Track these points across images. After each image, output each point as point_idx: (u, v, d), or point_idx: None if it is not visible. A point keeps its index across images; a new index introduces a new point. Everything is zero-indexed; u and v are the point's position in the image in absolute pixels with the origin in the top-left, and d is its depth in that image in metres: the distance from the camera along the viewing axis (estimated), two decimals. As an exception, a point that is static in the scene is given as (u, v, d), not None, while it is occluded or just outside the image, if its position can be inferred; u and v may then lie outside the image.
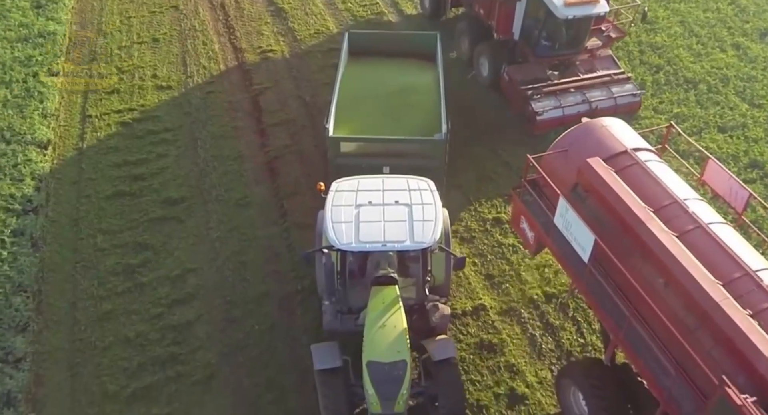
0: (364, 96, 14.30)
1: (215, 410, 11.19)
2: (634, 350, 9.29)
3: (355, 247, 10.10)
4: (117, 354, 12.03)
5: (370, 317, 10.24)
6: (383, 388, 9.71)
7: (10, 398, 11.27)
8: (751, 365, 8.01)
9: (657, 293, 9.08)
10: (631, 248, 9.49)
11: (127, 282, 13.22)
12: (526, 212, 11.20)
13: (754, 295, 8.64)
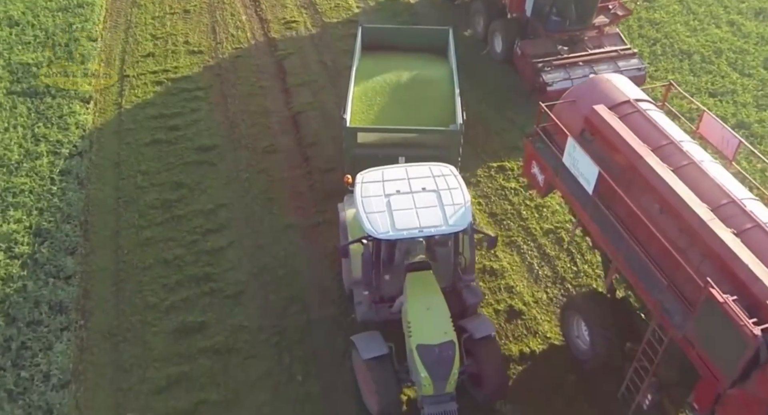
0: (378, 88, 14.45)
1: (245, 319, 12.56)
2: (632, 270, 10.18)
3: (393, 235, 10.17)
4: (157, 273, 13.42)
5: (412, 302, 10.48)
6: (435, 370, 9.92)
7: (62, 307, 12.66)
8: (734, 274, 8.90)
9: (653, 218, 9.97)
10: (631, 181, 10.47)
11: (165, 214, 14.62)
12: (538, 156, 12.24)
13: (738, 218, 9.60)
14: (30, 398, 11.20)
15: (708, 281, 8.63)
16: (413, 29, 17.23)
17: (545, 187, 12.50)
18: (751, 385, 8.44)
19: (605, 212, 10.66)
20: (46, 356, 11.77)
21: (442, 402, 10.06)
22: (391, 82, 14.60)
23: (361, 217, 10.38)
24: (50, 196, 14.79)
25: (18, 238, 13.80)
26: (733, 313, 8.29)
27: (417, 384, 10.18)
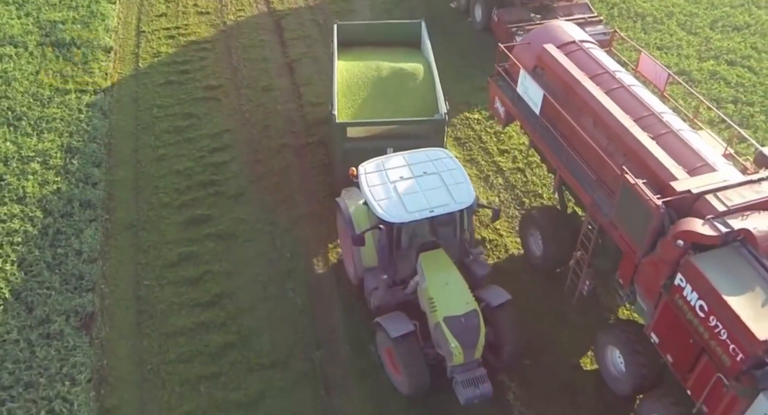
0: (361, 83, 14.76)
1: (244, 213, 14.98)
2: (572, 174, 12.15)
3: (407, 217, 10.62)
4: (170, 180, 15.84)
5: (431, 280, 10.94)
6: (464, 338, 10.42)
7: (90, 204, 15.03)
8: (647, 165, 10.75)
9: (588, 131, 11.83)
10: (571, 103, 12.52)
11: (177, 137, 17.06)
12: (500, 92, 14.37)
13: (655, 126, 11.52)
14: (65, 268, 13.55)
15: (624, 169, 10.68)
16: (386, 24, 17.54)
17: (505, 118, 14.71)
18: (658, 251, 10.17)
19: (550, 128, 12.83)
20: (77, 238, 14.14)
21: (471, 369, 10.69)
22: (372, 76, 14.91)
23: (372, 205, 10.82)
24: (78, 123, 17.19)
25: (52, 153, 16.20)
26: (642, 191, 10.14)
27: (447, 356, 10.63)
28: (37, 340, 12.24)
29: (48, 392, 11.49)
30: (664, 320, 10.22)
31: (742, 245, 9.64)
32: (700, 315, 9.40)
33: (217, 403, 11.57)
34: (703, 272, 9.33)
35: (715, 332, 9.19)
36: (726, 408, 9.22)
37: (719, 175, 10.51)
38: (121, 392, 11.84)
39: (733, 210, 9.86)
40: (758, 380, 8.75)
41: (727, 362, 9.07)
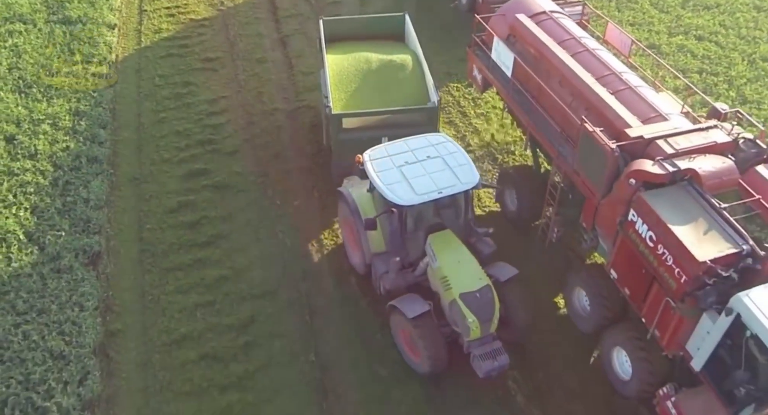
0: (352, 76, 15.04)
1: (238, 167, 16.26)
2: (540, 130, 13.21)
3: (417, 199, 11.04)
4: (170, 140, 17.11)
5: (442, 259, 11.32)
6: (481, 312, 10.79)
7: (97, 160, 16.21)
8: (605, 116, 11.75)
9: (554, 90, 12.84)
10: (540, 66, 13.42)
11: (177, 102, 18.33)
12: (477, 60, 15.54)
13: (615, 83, 12.50)
14: (74, 214, 14.76)
15: (583, 118, 11.56)
16: (371, 18, 17.77)
17: (482, 84, 15.88)
18: (614, 192, 11.14)
19: (521, 89, 13.98)
20: (85, 189, 15.35)
21: (487, 342, 11.08)
22: (362, 69, 15.19)
23: (382, 190, 11.21)
24: (85, 90, 18.44)
25: (61, 116, 17.43)
26: (599, 137, 11.13)
27: (464, 331, 10.99)
28: (49, 274, 13.45)
29: (59, 316, 12.68)
30: (621, 256, 11.18)
31: (689, 183, 10.60)
32: (650, 245, 10.33)
33: (211, 326, 12.81)
34: (652, 206, 10.28)
35: (662, 259, 10.11)
36: (674, 330, 10.19)
37: (670, 124, 11.53)
38: (124, 318, 13.07)
39: (681, 153, 10.76)
40: (700, 301, 9.64)
41: (673, 286, 9.97)
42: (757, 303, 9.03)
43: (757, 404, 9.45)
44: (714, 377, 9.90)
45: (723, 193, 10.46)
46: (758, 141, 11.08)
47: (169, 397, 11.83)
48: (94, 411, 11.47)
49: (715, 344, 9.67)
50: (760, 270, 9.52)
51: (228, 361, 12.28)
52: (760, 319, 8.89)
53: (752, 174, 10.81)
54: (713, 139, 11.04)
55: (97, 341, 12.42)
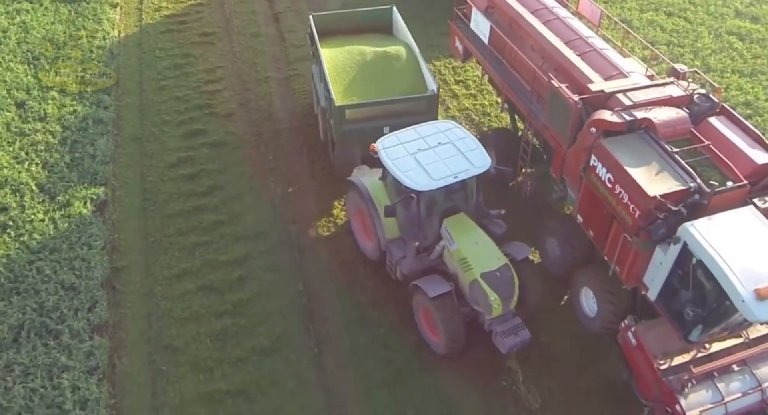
0: (348, 69, 15.26)
1: (233, 128, 17.53)
2: (513, 91, 14.31)
3: (434, 184, 11.33)
4: (171, 104, 18.36)
5: (461, 241, 11.68)
6: (502, 290, 11.19)
7: (102, 122, 17.39)
8: (570, 75, 12.66)
9: (527, 54, 13.87)
10: (514, 33, 14.41)
11: (176, 72, 19.58)
12: (458, 31, 16.50)
13: (582, 47, 13.44)
14: (82, 168, 15.98)
15: (551, 76, 12.56)
16: (359, 12, 17.76)
17: (464, 54, 16.93)
18: (578, 141, 12.02)
19: (496, 55, 15.14)
20: (92, 146, 16.58)
21: (508, 319, 11.54)
22: (358, 62, 15.43)
23: (399, 176, 11.50)
24: (90, 61, 19.68)
25: (68, 83, 18.69)
26: (564, 92, 12.06)
27: (485, 309, 11.36)
28: (60, 218, 14.70)
29: (69, 254, 13.92)
30: (585, 200, 12.13)
31: (645, 131, 11.49)
32: (609, 186, 11.21)
33: (209, 263, 14.07)
34: (610, 151, 11.20)
35: (619, 198, 10.99)
36: (631, 263, 11.11)
37: (629, 80, 12.58)
38: (129, 256, 14.32)
39: (638, 105, 11.61)
40: (653, 233, 10.55)
41: (629, 221, 10.84)
42: (701, 232, 9.95)
43: (704, 325, 10.40)
44: (667, 304, 10.85)
45: (676, 141, 11.33)
46: (711, 96, 11.99)
47: (170, 322, 13.05)
48: (102, 334, 12.68)
49: (667, 273, 10.61)
50: (706, 205, 10.39)
51: (224, 292, 13.52)
52: (703, 245, 9.79)
53: (705, 124, 11.77)
54: (669, 94, 11.88)
55: (104, 275, 13.66)
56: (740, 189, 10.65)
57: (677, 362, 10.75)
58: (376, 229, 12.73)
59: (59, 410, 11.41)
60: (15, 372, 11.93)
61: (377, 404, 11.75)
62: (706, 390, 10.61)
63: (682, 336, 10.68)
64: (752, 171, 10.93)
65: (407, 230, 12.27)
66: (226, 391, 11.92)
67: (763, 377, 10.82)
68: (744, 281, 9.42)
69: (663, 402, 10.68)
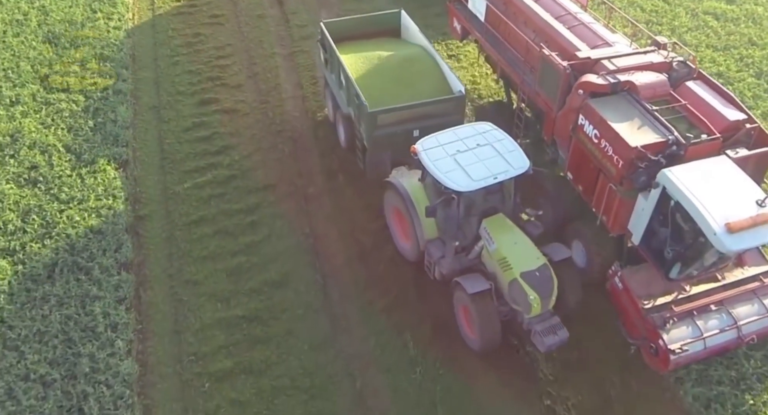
0: (372, 75, 15.36)
1: (243, 97, 18.97)
2: (508, 63, 15.28)
3: (475, 185, 11.45)
4: (184, 77, 19.80)
5: (500, 241, 11.82)
6: (541, 289, 11.29)
7: (121, 93, 18.69)
8: (560, 45, 13.73)
9: (520, 28, 14.92)
10: (509, 11, 15.54)
11: (188, 49, 21.02)
12: (456, 12, 17.56)
13: (571, 21, 14.54)
14: (104, 131, 17.33)
15: (542, 46, 13.68)
16: (368, 17, 17.85)
17: (461, 33, 18.11)
18: (567, 104, 12.93)
19: (492, 31, 16.25)
20: (113, 113, 17.95)
21: (547, 318, 11.67)
22: (380, 66, 15.59)
23: (440, 178, 11.66)
24: (107, 39, 21.05)
25: (87, 59, 20.07)
26: (553, 59, 13.09)
27: (524, 308, 11.51)
28: (86, 174, 16.06)
29: (96, 204, 15.28)
30: (574, 157, 13.07)
31: (628, 93, 12.44)
32: (595, 141, 12.15)
33: (223, 211, 15.49)
34: (596, 109, 12.16)
35: (604, 152, 11.93)
36: (617, 211, 12.03)
37: (614, 49, 13.47)
38: (150, 206, 15.73)
39: (622, 70, 12.58)
40: (634, 181, 11.43)
41: (613, 172, 11.76)
42: (678, 176, 10.95)
43: (682, 263, 11.45)
44: (649, 247, 11.87)
45: (656, 101, 12.27)
46: (689, 63, 13.09)
47: (189, 261, 14.45)
48: (128, 270, 14.04)
49: (648, 218, 11.55)
50: (683, 156, 11.38)
51: (237, 235, 14.93)
52: (680, 188, 10.77)
53: (683, 87, 12.75)
54: (650, 60, 12.91)
55: (128, 222, 15.04)
56: (714, 141, 11.60)
57: (660, 303, 11.64)
58: (415, 229, 12.91)
59: (92, 333, 12.73)
60: (51, 302, 13.27)
61: (377, 327, 13.12)
62: (687, 327, 11.46)
63: (663, 274, 11.63)
64: (725, 127, 11.87)
65: (447, 230, 12.39)
66: (242, 316, 13.29)
67: (739, 317, 11.68)
68: (716, 217, 10.37)
69: (647, 339, 11.55)
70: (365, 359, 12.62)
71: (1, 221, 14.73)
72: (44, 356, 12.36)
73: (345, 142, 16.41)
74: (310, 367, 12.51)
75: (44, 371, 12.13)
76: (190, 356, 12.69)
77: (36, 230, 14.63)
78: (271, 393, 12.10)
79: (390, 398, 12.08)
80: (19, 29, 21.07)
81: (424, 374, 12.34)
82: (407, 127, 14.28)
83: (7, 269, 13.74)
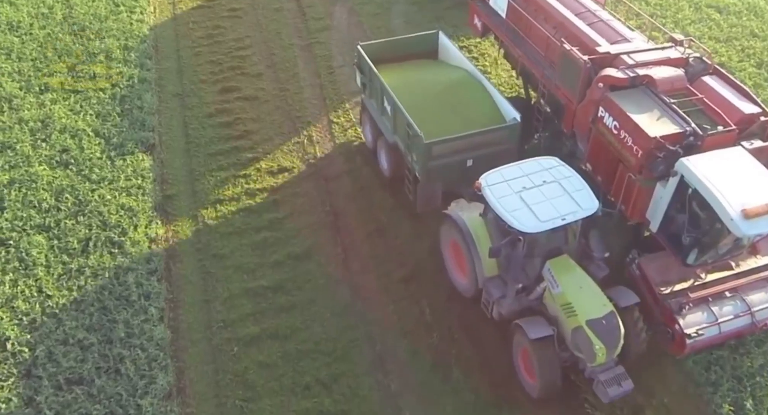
0: (420, 102, 14.67)
1: (262, 85, 19.74)
2: (529, 58, 15.47)
3: (542, 227, 10.91)
4: (205, 67, 20.58)
5: (565, 285, 11.21)
6: (608, 338, 10.73)
7: (146, 81, 19.56)
8: (580, 40, 13.92)
9: (541, 24, 15.08)
10: (530, 8, 15.68)
11: (209, 40, 21.82)
12: (477, 9, 17.71)
13: (590, 18, 14.82)
14: (131, 117, 18.13)
15: (563, 41, 13.85)
16: (405, 38, 17.46)
17: (482, 30, 18.09)
18: (587, 97, 13.18)
19: (514, 27, 16.59)
20: (139, 100, 18.75)
21: (611, 368, 11.19)
22: (424, 92, 15.07)
23: (506, 216, 11.11)
24: (131, 31, 21.88)
25: (113, 49, 20.86)
26: (574, 53, 13.37)
27: (588, 357, 10.95)
28: (116, 156, 16.85)
29: (126, 184, 16.07)
30: (594, 148, 13.33)
31: (647, 86, 12.75)
32: (614, 132, 12.41)
33: (247, 191, 16.27)
34: (616, 101, 12.47)
35: (624, 142, 12.19)
36: (636, 200, 12.26)
37: (632, 45, 13.85)
38: (177, 186, 16.50)
39: (640, 64, 12.95)
40: (653, 170, 11.70)
41: (632, 161, 12.00)
42: (696, 165, 11.29)
43: (699, 249, 11.77)
44: (667, 234, 12.15)
45: (674, 95, 12.58)
46: (705, 59, 13.45)
47: (216, 236, 15.22)
48: (158, 244, 14.82)
49: (666, 206, 11.85)
50: (700, 146, 11.71)
51: (261, 212, 15.70)
52: (698, 175, 11.08)
53: (699, 82, 13.12)
54: (667, 56, 13.30)
55: (156, 200, 15.82)
56: (729, 133, 11.94)
57: (676, 289, 11.98)
58: (474, 266, 12.41)
59: (126, 302, 13.51)
60: (86, 274, 14.04)
61: (395, 296, 13.87)
62: (702, 312, 11.78)
63: (681, 260, 11.91)
64: (740, 119, 12.21)
65: (509, 270, 11.88)
66: (267, 286, 14.05)
67: (753, 303, 12.00)
68: (733, 203, 10.69)
69: (664, 324, 11.86)
70: (384, 325, 13.34)
71: (36, 199, 15.48)
72: (81, 322, 13.12)
73: (389, 171, 15.82)
74: (332, 332, 13.23)
75: (82, 335, 12.90)
76: (219, 323, 13.43)
77: (69, 207, 15.40)
78: (296, 356, 12.82)
79: (408, 360, 12.79)
80: (45, 22, 21.89)
81: (440, 338, 13.04)
82: (461, 157, 13.67)
83: (43, 244, 14.50)
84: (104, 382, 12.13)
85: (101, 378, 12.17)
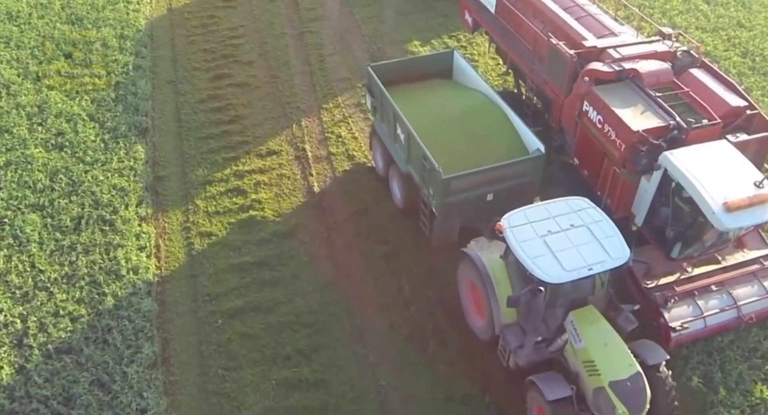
0: (437, 130, 13.74)
1: (254, 72, 20.20)
2: (518, 53, 15.71)
3: (566, 277, 10.06)
4: (199, 55, 21.06)
5: (589, 341, 10.32)
6: (632, 402, 9.85)
7: (141, 67, 20.00)
8: (567, 34, 14.17)
9: (530, 20, 15.33)
10: (517, 3, 15.97)
11: (203, 30, 22.30)
12: (468, 5, 18.15)
13: (578, 12, 14.99)
14: (125, 101, 18.52)
15: (550, 35, 14.11)
16: (418, 58, 17.41)
17: (473, 25, 18.56)
18: (573, 91, 13.40)
19: (503, 23, 16.64)
20: (133, 86, 19.18)
21: None
22: (441, 118, 14.20)
23: (528, 263, 10.23)
24: (127, 20, 22.34)
25: (109, 38, 21.32)
26: (561, 48, 13.57)
27: None
28: (109, 140, 17.31)
29: (118, 165, 16.52)
30: (580, 143, 13.49)
31: (632, 80, 12.85)
32: (599, 127, 12.53)
33: (235, 172, 16.72)
34: (600, 95, 12.61)
35: (608, 136, 12.31)
36: (620, 194, 12.43)
37: (619, 38, 13.98)
38: (168, 168, 16.97)
39: (626, 58, 13.00)
40: (637, 163, 11.83)
41: (616, 155, 12.15)
42: (679, 158, 11.39)
43: (683, 242, 11.89)
44: (651, 228, 12.33)
45: (660, 89, 12.68)
46: (692, 52, 13.43)
47: (204, 215, 15.67)
48: (148, 223, 15.29)
49: (651, 200, 12.00)
50: (684, 140, 11.79)
51: (248, 193, 16.14)
52: (681, 169, 11.19)
53: (686, 75, 13.23)
54: (654, 49, 13.32)
55: (148, 181, 16.28)
56: (714, 126, 12.03)
57: (662, 283, 12.05)
58: (492, 310, 11.60)
59: (116, 276, 13.97)
60: (77, 250, 14.50)
61: (376, 272, 14.29)
62: (687, 306, 11.85)
63: (665, 254, 12.03)
64: (726, 112, 12.32)
65: (529, 319, 11.06)
66: (252, 262, 14.50)
67: (739, 297, 12.06)
68: (715, 197, 10.78)
69: (650, 317, 11.87)
70: (364, 300, 13.76)
71: (31, 180, 15.96)
72: (72, 295, 13.59)
73: (402, 202, 14.90)
74: (314, 306, 13.66)
75: (72, 308, 13.35)
76: (205, 297, 13.89)
77: (63, 187, 15.87)
78: (278, 328, 13.26)
79: (385, 333, 13.21)
80: (44, 12, 22.38)
81: (418, 312, 13.45)
82: (481, 191, 12.81)
83: (36, 222, 14.98)
84: (92, 351, 12.57)
85: (89, 347, 12.62)
